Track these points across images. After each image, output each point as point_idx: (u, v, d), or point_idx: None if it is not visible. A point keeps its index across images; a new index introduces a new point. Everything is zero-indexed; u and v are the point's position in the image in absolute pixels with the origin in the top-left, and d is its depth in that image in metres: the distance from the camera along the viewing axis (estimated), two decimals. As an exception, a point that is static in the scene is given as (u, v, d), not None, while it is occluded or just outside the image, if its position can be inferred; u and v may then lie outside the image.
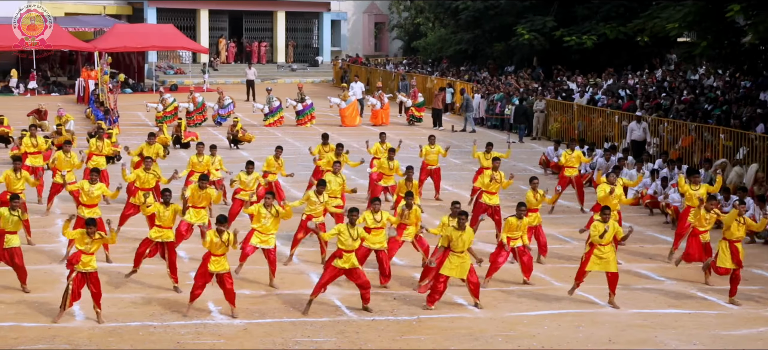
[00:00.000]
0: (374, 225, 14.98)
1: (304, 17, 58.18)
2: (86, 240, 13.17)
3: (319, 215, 16.45)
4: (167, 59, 53.64)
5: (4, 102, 39.02)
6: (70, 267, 13.28)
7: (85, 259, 13.18)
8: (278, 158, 20.22)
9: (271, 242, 15.23)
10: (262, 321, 13.68)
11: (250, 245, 15.26)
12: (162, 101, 33.05)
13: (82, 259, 13.17)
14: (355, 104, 36.31)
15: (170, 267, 14.90)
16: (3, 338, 12.63)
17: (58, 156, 20.23)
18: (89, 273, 13.21)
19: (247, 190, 18.13)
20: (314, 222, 15.83)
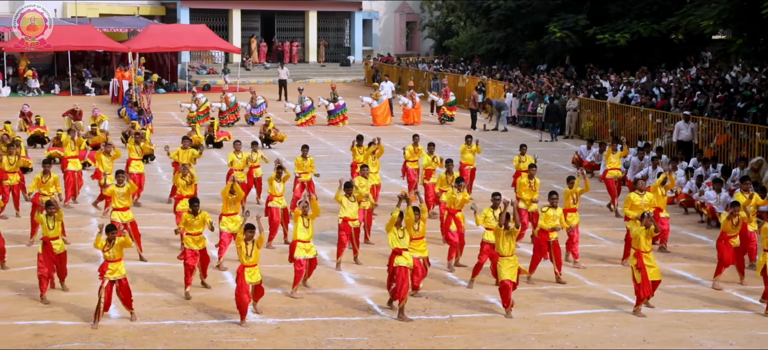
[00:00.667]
0: (415, 235, 14.50)
1: (336, 17, 58.29)
2: (106, 248, 13.28)
3: (355, 217, 16.51)
4: (200, 59, 53.95)
5: (41, 103, 39.44)
6: (101, 277, 13.39)
7: (112, 267, 13.25)
8: (306, 157, 20.29)
9: (313, 250, 15.12)
10: (294, 320, 13.72)
11: (298, 260, 14.91)
12: (195, 101, 33.28)
13: (109, 267, 13.26)
14: (386, 103, 36.31)
15: (202, 268, 14.94)
16: (40, 336, 12.78)
17: (99, 157, 20.46)
18: (118, 280, 13.32)
19: (278, 195, 17.95)
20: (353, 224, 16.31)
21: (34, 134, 28.85)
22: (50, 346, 12.45)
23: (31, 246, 16.79)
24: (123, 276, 13.34)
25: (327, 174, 22.74)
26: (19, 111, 32.49)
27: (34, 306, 13.99)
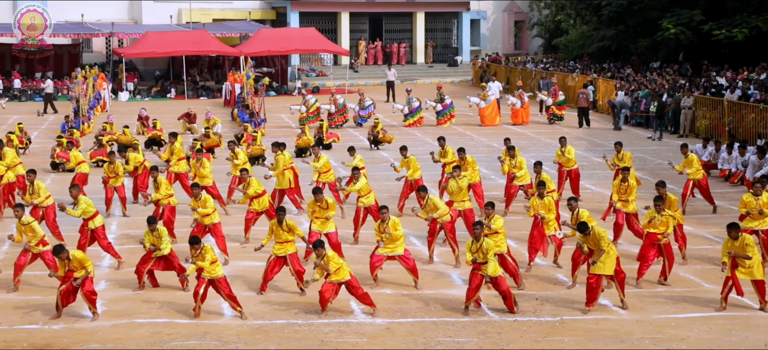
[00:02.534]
0: (489, 232, 14.69)
1: (444, 17, 58.21)
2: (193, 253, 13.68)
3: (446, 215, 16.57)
4: (309, 62, 54.66)
5: (157, 107, 40.64)
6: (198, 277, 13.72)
7: (207, 268, 13.56)
8: (406, 157, 20.37)
9: (399, 248, 15.22)
10: (403, 321, 13.74)
11: (377, 256, 15.16)
12: (305, 103, 33.72)
13: (205, 269, 13.58)
14: (494, 103, 36.04)
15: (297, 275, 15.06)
16: (158, 333, 13.14)
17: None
18: (215, 279, 13.58)
19: (364, 194, 18.11)
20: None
21: (150, 136, 29.72)
22: (167, 344, 12.79)
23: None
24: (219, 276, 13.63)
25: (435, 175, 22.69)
26: (137, 115, 33.52)
27: (151, 305, 14.39)
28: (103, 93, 40.13)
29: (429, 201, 16.54)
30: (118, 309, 14.14)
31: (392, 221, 14.99)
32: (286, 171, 20.31)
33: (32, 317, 13.75)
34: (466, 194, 17.80)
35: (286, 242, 14.92)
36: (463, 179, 17.85)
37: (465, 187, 17.74)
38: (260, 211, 18.03)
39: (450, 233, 16.69)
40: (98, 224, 16.26)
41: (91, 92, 36.63)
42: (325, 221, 16.27)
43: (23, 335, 13.06)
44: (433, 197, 16.70)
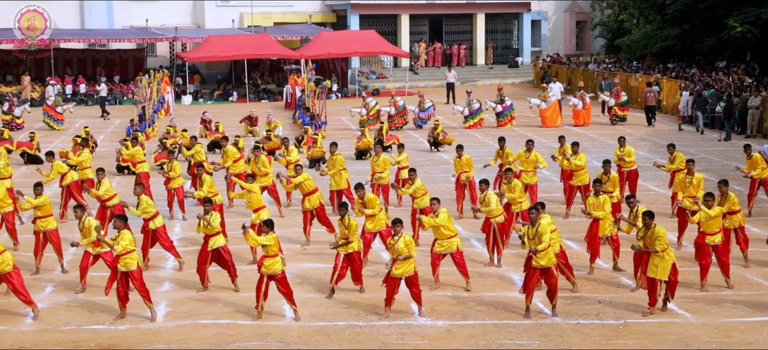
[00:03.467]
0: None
1: (504, 18, 57.89)
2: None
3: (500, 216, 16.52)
4: (369, 64, 54.81)
5: (220, 110, 41.10)
6: (259, 270, 13.80)
7: (267, 262, 13.63)
8: (461, 157, 20.32)
9: (453, 245, 15.19)
10: (464, 323, 13.69)
11: (436, 254, 15.18)
12: (365, 106, 33.82)
13: (264, 263, 13.64)
14: (555, 104, 35.75)
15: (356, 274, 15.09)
16: (221, 334, 13.28)
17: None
18: (275, 275, 13.65)
19: (419, 196, 18.09)
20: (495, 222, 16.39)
21: (213, 139, 30.05)
22: (230, 345, 12.91)
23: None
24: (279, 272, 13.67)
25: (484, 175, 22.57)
26: (200, 118, 33.94)
27: (215, 305, 14.55)
28: (167, 97, 40.73)
29: (487, 197, 16.45)
30: (181, 310, 14.33)
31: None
32: (342, 171, 20.37)
33: (99, 317, 13.99)
34: (523, 195, 17.66)
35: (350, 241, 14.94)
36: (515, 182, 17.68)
37: (520, 187, 17.61)
38: (311, 209, 18.06)
39: (500, 234, 16.58)
40: (159, 224, 16.46)
41: (155, 95, 37.21)
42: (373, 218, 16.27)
43: (90, 335, 13.30)
44: (491, 194, 16.58)
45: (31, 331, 13.46)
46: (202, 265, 15.17)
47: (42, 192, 16.36)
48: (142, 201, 16.31)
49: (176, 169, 20.37)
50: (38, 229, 16.21)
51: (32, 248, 16.56)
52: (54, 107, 35.75)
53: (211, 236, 15.04)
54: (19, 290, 13.79)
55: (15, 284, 13.77)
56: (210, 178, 18.63)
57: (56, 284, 15.69)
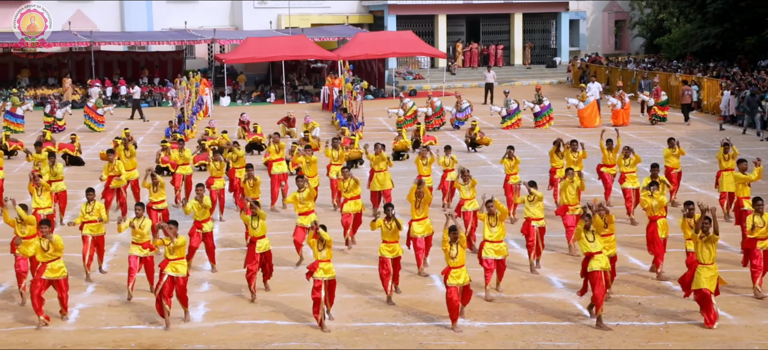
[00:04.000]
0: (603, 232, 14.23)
1: (542, 18, 57.60)
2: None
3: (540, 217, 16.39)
4: (406, 65, 54.80)
5: (257, 111, 41.31)
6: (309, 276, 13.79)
7: (324, 267, 13.55)
8: (511, 157, 20.20)
9: (504, 250, 15.06)
10: (502, 324, 13.63)
11: (486, 260, 14.96)
12: (402, 106, 33.81)
13: (320, 266, 13.55)
14: (593, 104, 35.49)
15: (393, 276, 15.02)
16: (259, 335, 13.35)
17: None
18: (328, 280, 13.65)
19: (468, 199, 18.02)
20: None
21: (251, 141, 30.22)
22: (269, 345, 12.97)
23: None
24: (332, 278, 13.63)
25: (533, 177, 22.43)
26: (238, 120, 34.14)
27: (253, 306, 14.62)
28: (206, 98, 41.02)
29: (535, 197, 16.34)
30: (220, 311, 14.42)
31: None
32: (386, 171, 20.37)
33: (140, 318, 14.12)
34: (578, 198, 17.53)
35: (394, 242, 14.87)
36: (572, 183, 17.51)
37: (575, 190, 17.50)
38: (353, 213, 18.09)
39: (541, 237, 16.45)
40: (209, 229, 16.55)
41: (193, 97, 37.48)
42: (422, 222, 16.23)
43: (131, 335, 13.43)
44: (539, 194, 16.45)
45: (73, 331, 13.62)
46: (251, 269, 15.08)
47: (94, 197, 16.50)
48: (205, 201, 16.38)
49: (221, 169, 20.54)
50: (87, 234, 16.33)
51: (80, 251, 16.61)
52: (95, 109, 36.13)
53: (259, 238, 15.09)
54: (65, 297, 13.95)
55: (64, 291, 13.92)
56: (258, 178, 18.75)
57: (97, 284, 15.85)
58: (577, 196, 17.27)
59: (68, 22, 49.29)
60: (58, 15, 49.73)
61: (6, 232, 19.36)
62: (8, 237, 16.73)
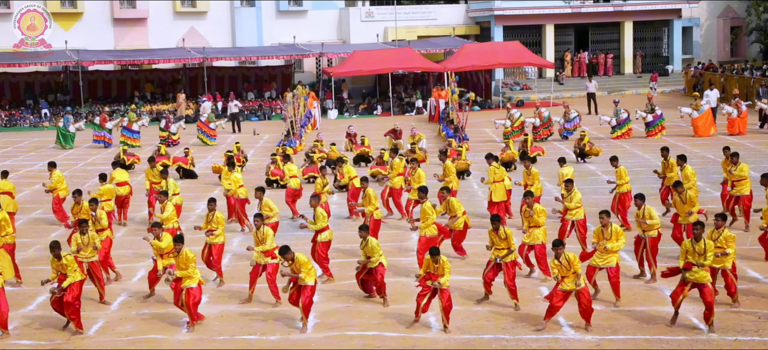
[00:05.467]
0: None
1: (653, 26, 56.40)
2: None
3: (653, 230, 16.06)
4: (513, 75, 54.40)
5: (364, 123, 41.62)
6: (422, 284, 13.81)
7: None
8: (616, 167, 20.05)
9: (613, 260, 14.78)
10: (614, 338, 13.34)
11: (592, 266, 14.82)
12: (509, 117, 33.56)
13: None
14: (708, 113, 34.50)
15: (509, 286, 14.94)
16: (368, 346, 13.40)
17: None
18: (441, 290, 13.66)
19: (574, 208, 17.74)
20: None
21: (359, 153, 30.45)
22: (376, 355, 13.02)
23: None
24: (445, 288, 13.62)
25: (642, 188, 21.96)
26: (346, 132, 34.46)
27: (362, 317, 14.68)
28: (314, 112, 41.56)
29: (645, 210, 15.98)
30: (329, 322, 14.52)
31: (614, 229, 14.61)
32: (497, 183, 20.22)
33: (253, 327, 14.34)
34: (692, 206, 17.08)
35: (501, 249, 14.83)
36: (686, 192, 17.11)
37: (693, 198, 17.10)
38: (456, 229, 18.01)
39: (652, 249, 16.07)
40: (325, 238, 16.75)
41: (302, 110, 38.03)
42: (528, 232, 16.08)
43: (243, 345, 13.65)
44: (650, 208, 16.09)
45: (188, 339, 13.92)
46: (360, 274, 15.41)
47: (215, 208, 16.88)
48: (318, 214, 16.61)
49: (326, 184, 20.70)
50: (207, 242, 16.73)
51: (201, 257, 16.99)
52: (207, 124, 37.04)
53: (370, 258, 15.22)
54: (196, 303, 14.30)
55: (197, 297, 14.27)
56: (373, 191, 18.83)
57: (211, 295, 16.18)
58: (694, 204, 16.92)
59: (182, 39, 50.76)
60: (173, 32, 51.46)
61: (127, 244, 20.01)
62: (128, 249, 17.34)
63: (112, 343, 13.78)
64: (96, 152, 35.30)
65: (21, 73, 48.73)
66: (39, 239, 20.30)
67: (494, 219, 15.03)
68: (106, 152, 34.36)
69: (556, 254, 13.42)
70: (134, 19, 51.46)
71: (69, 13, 50.42)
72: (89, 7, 50.64)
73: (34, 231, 21.44)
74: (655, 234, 16.03)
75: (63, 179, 22.05)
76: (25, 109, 47.36)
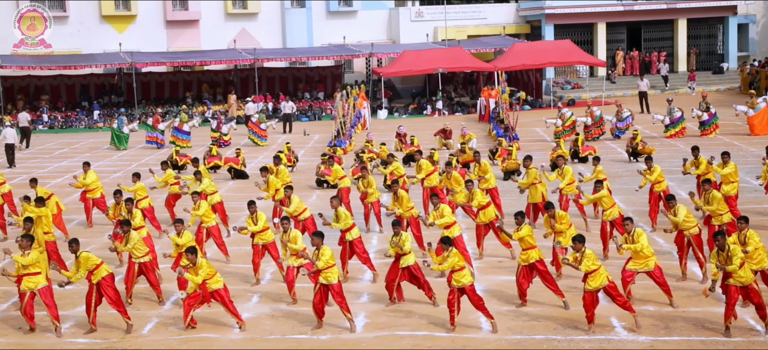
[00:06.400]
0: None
1: (708, 23, 55.54)
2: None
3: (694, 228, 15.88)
4: (564, 74, 53.98)
5: (414, 123, 41.61)
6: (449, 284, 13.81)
7: (456, 276, 13.60)
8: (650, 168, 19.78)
9: (650, 263, 14.56)
10: (668, 339, 13.17)
11: (628, 271, 14.58)
12: (560, 116, 33.32)
13: (454, 276, 13.61)
14: (764, 111, 33.88)
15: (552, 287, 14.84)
16: (418, 346, 13.39)
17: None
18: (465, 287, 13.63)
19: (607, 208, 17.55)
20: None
21: (408, 153, 30.43)
22: (427, 356, 13.00)
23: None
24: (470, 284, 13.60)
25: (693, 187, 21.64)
26: (395, 132, 34.47)
27: (412, 317, 14.66)
28: (364, 112, 41.65)
29: (678, 210, 15.77)
30: (379, 322, 14.54)
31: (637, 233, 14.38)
32: (538, 185, 20.09)
33: (303, 327, 14.40)
34: (725, 207, 16.80)
35: (532, 248, 14.77)
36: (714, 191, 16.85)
37: (721, 198, 16.80)
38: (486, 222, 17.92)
39: (697, 246, 15.83)
40: (355, 236, 16.79)
41: (351, 111, 38.13)
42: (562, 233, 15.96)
43: (294, 345, 13.72)
44: (682, 207, 15.88)
45: (240, 339, 14.03)
46: (390, 281, 15.27)
47: (256, 210, 16.98)
48: (340, 213, 16.70)
49: (372, 184, 20.68)
50: (257, 242, 16.86)
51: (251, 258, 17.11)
52: (258, 124, 37.32)
53: (402, 254, 15.18)
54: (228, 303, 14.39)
55: (226, 298, 14.37)
56: (406, 194, 18.75)
57: (262, 295, 16.30)
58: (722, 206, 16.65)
59: (234, 41, 51.21)
60: (225, 33, 51.95)
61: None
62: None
63: (166, 342, 13.94)
64: (149, 153, 35.76)
65: (77, 75, 49.55)
66: (92, 239, 20.60)
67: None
68: (159, 153, 34.79)
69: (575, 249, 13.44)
70: (187, 21, 52.06)
71: (123, 15, 51.15)
72: (143, 9, 51.34)
73: (87, 231, 21.76)
74: (696, 231, 15.81)
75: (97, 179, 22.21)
76: (81, 110, 48.16)
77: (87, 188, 21.93)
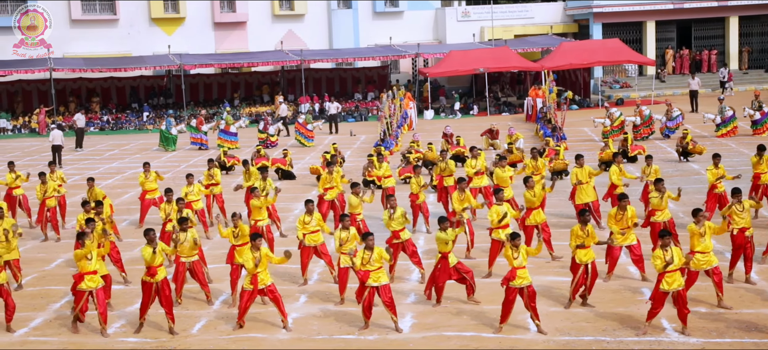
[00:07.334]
0: None
1: (761, 20, 54.65)
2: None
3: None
4: (613, 73, 53.46)
5: (461, 124, 41.49)
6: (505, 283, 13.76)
7: (520, 273, 13.57)
8: (717, 166, 19.63)
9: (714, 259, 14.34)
10: (720, 341, 12.97)
11: (693, 271, 14.39)
12: (609, 116, 33.01)
13: (517, 274, 13.57)
14: (818, 109, 33.29)
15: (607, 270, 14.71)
16: (466, 347, 13.34)
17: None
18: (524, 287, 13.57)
19: (660, 209, 17.30)
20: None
21: (455, 153, 30.33)
22: (474, 356, 12.95)
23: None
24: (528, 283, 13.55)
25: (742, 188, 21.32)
26: (442, 132, 34.39)
27: (460, 317, 14.62)
28: (410, 112, 41.63)
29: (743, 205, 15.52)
30: (427, 322, 14.51)
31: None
32: (583, 185, 19.87)
33: (351, 327, 14.43)
34: None
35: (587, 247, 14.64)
36: None
37: None
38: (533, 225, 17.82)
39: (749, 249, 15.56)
40: (406, 237, 16.78)
41: (398, 111, 38.13)
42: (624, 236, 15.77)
43: (340, 345, 13.76)
44: (747, 201, 15.63)
45: (287, 339, 14.10)
46: (442, 282, 15.24)
47: (313, 209, 17.03)
48: (399, 214, 16.67)
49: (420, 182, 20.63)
50: (307, 244, 16.84)
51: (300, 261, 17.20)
52: (305, 125, 37.47)
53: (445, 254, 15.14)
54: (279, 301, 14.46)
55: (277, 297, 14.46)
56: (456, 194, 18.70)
57: (310, 294, 16.36)
58: None
59: (281, 42, 51.51)
60: (272, 35, 52.27)
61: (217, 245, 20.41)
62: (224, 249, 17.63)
63: (215, 342, 14.06)
64: (196, 154, 36.10)
65: (127, 77, 50.22)
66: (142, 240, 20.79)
67: (581, 213, 14.81)
68: (205, 155, 35.05)
69: (662, 243, 13.15)
70: (234, 23, 52.49)
71: (172, 18, 51.71)
72: (191, 11, 51.85)
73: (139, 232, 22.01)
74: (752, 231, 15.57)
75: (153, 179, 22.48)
76: (131, 112, 48.79)
77: (148, 189, 22.27)
